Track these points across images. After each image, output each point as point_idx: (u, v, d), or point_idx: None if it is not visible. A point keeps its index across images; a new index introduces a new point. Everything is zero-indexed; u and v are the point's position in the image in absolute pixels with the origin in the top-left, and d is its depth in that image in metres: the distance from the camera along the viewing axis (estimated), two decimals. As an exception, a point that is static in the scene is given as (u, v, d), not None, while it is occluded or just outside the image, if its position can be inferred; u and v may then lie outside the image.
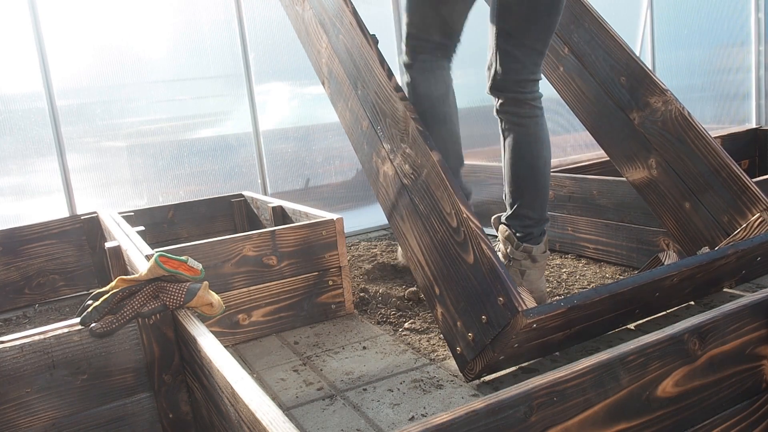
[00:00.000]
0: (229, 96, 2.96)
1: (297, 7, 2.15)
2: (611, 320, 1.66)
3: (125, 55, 2.74)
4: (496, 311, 1.42)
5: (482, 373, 1.54)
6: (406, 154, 1.69)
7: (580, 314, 1.47)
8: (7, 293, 2.36)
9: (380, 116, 1.77)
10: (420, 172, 1.64)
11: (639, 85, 2.03)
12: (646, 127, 2.02)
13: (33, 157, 2.60)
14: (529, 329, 1.38)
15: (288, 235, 1.92)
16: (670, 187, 1.98)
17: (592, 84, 2.13)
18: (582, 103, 2.21)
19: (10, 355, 1.11)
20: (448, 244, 1.56)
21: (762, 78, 3.48)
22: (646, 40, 3.01)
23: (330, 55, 1.99)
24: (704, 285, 1.82)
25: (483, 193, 2.96)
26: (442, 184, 1.57)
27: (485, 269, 1.46)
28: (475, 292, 1.49)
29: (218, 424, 1.07)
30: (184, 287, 1.23)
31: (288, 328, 1.96)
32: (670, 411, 1.02)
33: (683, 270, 1.59)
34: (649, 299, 1.66)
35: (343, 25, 1.88)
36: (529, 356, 1.60)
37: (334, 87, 2.01)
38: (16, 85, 2.56)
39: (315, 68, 2.13)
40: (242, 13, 2.89)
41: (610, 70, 2.09)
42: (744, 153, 3.29)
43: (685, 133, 1.94)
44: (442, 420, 0.81)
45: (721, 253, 1.64)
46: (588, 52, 2.12)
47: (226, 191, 2.89)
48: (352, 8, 1.84)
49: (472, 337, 1.50)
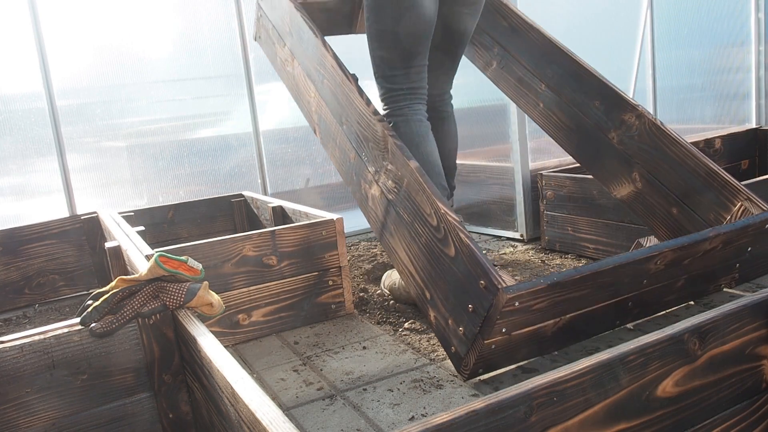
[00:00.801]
0: (229, 96, 2.96)
1: (288, 68, 2.29)
2: (603, 312, 1.67)
3: (125, 55, 2.74)
4: (479, 296, 1.45)
5: (478, 370, 1.54)
6: (388, 170, 1.77)
7: (564, 295, 1.50)
8: (7, 293, 2.36)
9: (363, 143, 1.87)
10: (401, 183, 1.71)
11: (612, 106, 2.12)
12: (624, 143, 2.10)
13: (33, 157, 2.60)
14: (513, 307, 1.41)
15: (288, 235, 1.92)
16: (656, 196, 2.03)
17: (571, 112, 2.24)
18: (564, 133, 2.31)
19: (10, 355, 1.11)
20: (432, 244, 1.61)
21: (762, 78, 3.48)
22: (646, 40, 3.01)
23: (318, 102, 2.11)
24: (698, 279, 1.82)
25: (483, 194, 2.97)
26: (421, 188, 1.63)
27: (466, 258, 1.50)
28: (460, 284, 1.52)
29: (218, 424, 1.07)
30: (184, 287, 1.23)
31: (288, 328, 1.96)
32: (670, 411, 1.02)
33: (664, 251, 1.62)
34: (637, 287, 1.67)
35: (326, 70, 2.00)
36: (523, 351, 1.60)
37: (324, 129, 2.12)
38: (16, 85, 2.56)
39: (307, 119, 2.25)
40: (242, 13, 2.89)
41: (584, 97, 2.19)
42: (744, 153, 3.29)
43: (661, 142, 2.01)
44: (442, 420, 0.81)
45: (702, 236, 1.67)
46: (562, 84, 2.24)
47: (226, 191, 2.89)
48: (332, 53, 1.97)
49: (462, 331, 1.52)
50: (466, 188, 3.03)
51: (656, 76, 3.08)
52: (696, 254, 1.71)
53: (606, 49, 2.93)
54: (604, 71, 2.96)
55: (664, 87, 3.14)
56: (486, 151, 2.87)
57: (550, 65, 2.26)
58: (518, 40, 2.35)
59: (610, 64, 2.96)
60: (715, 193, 1.88)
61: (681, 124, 3.28)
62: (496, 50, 2.44)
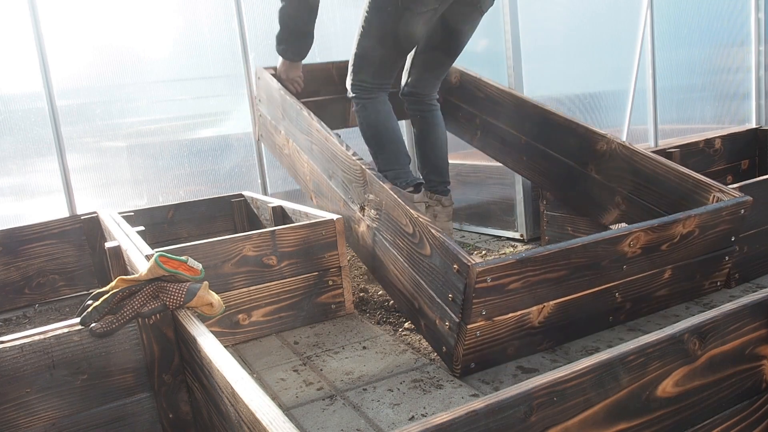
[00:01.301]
0: (229, 96, 2.96)
1: (285, 151, 2.51)
2: (590, 304, 1.69)
3: (125, 55, 2.74)
4: (455, 281, 1.51)
5: (470, 364, 1.56)
6: (370, 201, 1.91)
7: (537, 274, 1.55)
8: (7, 293, 2.36)
9: (349, 186, 2.04)
10: (381, 207, 1.85)
11: (584, 140, 2.27)
12: (602, 171, 2.23)
13: (33, 157, 2.60)
14: (486, 284, 1.46)
15: (288, 235, 1.92)
16: (640, 213, 2.09)
17: (552, 157, 2.39)
18: (550, 178, 2.45)
19: (10, 355, 1.11)
20: (412, 251, 1.70)
21: (762, 78, 3.48)
22: (646, 40, 3.01)
23: (311, 168, 2.30)
24: (687, 271, 1.85)
25: (483, 194, 2.97)
26: (396, 203, 1.75)
27: (439, 250, 1.57)
28: (440, 278, 1.59)
29: (218, 424, 1.07)
30: (184, 287, 1.23)
31: (288, 328, 1.96)
32: (670, 411, 1.02)
33: (634, 231, 1.67)
34: (618, 274, 1.70)
35: (312, 135, 2.21)
36: (514, 344, 1.61)
37: (318, 191, 2.30)
38: (16, 85, 2.56)
39: (305, 190, 2.44)
40: (242, 13, 2.89)
41: (560, 140, 2.35)
42: (744, 153, 3.29)
43: (632, 160, 2.12)
44: (442, 420, 0.81)
45: (673, 218, 1.73)
46: (539, 134, 2.42)
47: (226, 191, 2.89)
48: (317, 119, 2.18)
49: (448, 325, 1.56)
50: (466, 188, 3.03)
51: (656, 76, 3.08)
52: (672, 238, 1.75)
53: (606, 49, 2.93)
54: (604, 71, 2.96)
55: (664, 87, 3.14)
56: (486, 151, 2.87)
57: (526, 121, 2.45)
58: (495, 106, 2.57)
59: (610, 64, 2.96)
60: (690, 194, 1.96)
61: (681, 124, 3.28)
62: (477, 121, 2.66)
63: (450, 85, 2.74)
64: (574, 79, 2.85)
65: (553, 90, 2.79)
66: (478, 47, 2.80)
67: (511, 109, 2.50)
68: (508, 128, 2.53)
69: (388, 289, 1.91)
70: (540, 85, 2.71)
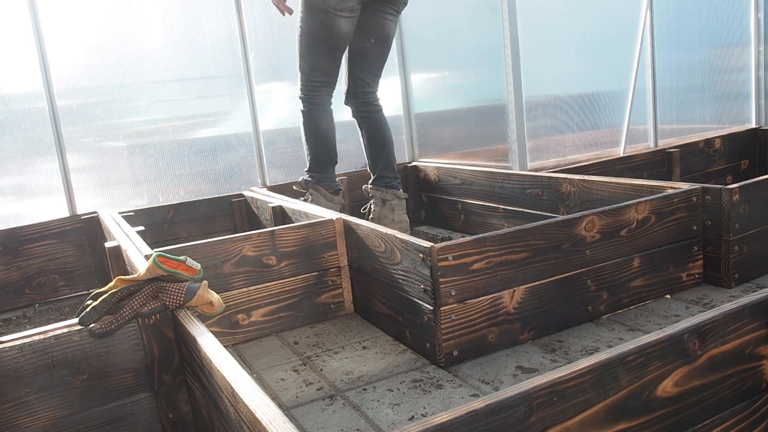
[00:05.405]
0: (229, 96, 2.96)
1: None
2: (563, 292, 1.74)
3: (125, 55, 2.74)
4: (422, 270, 1.60)
5: (452, 352, 1.60)
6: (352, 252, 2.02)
7: (498, 255, 1.63)
8: (7, 293, 2.36)
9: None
10: (361, 245, 1.94)
11: (549, 187, 2.43)
12: (571, 210, 2.32)
13: (33, 157, 2.60)
14: (449, 263, 1.56)
15: (288, 235, 1.92)
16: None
17: (527, 215, 2.53)
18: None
19: (10, 355, 1.11)
20: (388, 268, 1.77)
21: (762, 78, 3.47)
22: (646, 41, 3.01)
23: None
24: (655, 260, 1.89)
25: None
26: (369, 230, 1.84)
27: (406, 250, 1.65)
28: (413, 278, 1.65)
29: (218, 424, 1.07)
30: (183, 287, 1.23)
31: (288, 328, 1.96)
32: (670, 411, 1.02)
33: (588, 215, 1.77)
34: (583, 259, 1.76)
35: None
36: (494, 331, 1.65)
37: None
38: (16, 85, 2.56)
39: None
40: (242, 13, 2.89)
41: (530, 195, 2.51)
42: (744, 153, 3.29)
43: (593, 192, 2.23)
44: (442, 420, 0.81)
45: (624, 204, 1.84)
46: (512, 194, 2.61)
47: (226, 191, 2.89)
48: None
49: (426, 318, 1.62)
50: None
51: (656, 77, 3.08)
52: (629, 223, 1.84)
53: (605, 49, 2.93)
54: (604, 71, 2.96)
55: (664, 87, 3.13)
56: (485, 151, 2.87)
57: (502, 183, 2.67)
58: (470, 186, 2.83)
59: (609, 64, 2.96)
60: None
61: (681, 125, 3.28)
62: (459, 206, 2.92)
63: (431, 183, 3.11)
64: (573, 79, 2.84)
65: (552, 90, 2.78)
66: (478, 47, 2.80)
67: (484, 184, 2.74)
68: (484, 203, 2.76)
69: (377, 320, 1.93)
70: (539, 86, 2.70)
